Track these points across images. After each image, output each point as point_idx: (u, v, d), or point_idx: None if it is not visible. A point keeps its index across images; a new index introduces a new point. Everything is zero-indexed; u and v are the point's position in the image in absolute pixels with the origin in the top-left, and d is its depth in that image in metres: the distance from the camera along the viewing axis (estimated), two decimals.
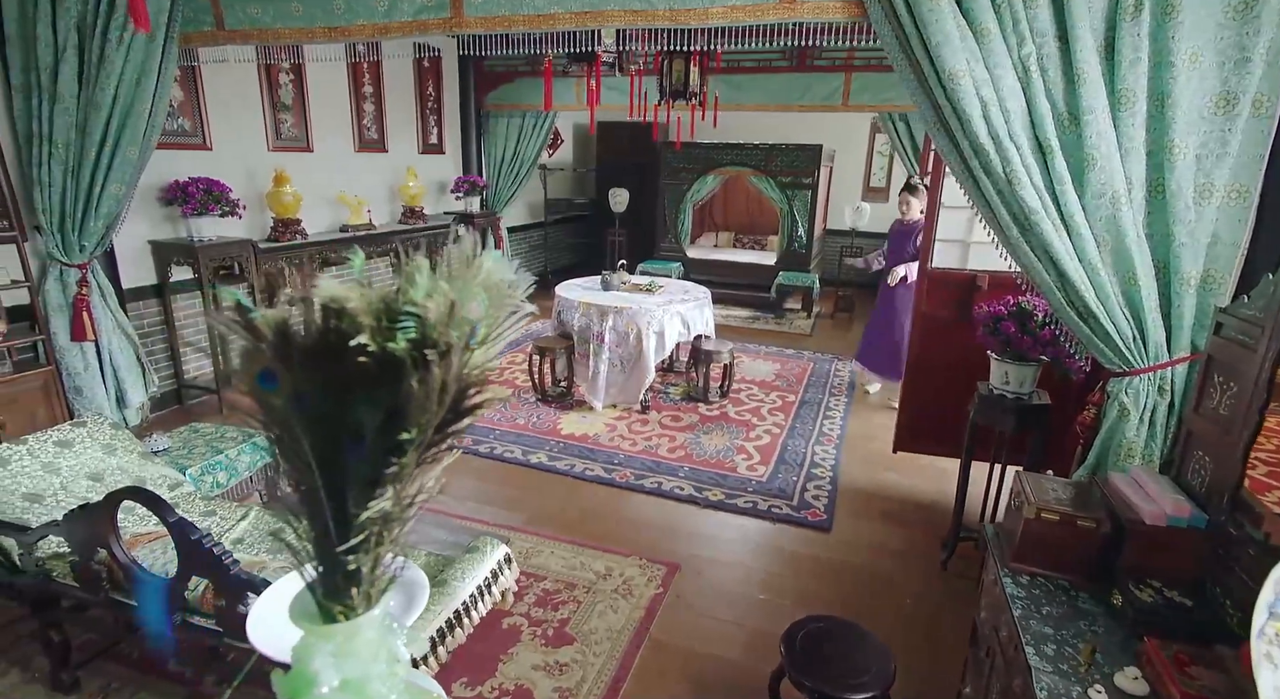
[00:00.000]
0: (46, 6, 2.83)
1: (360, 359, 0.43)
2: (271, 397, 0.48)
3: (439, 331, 0.44)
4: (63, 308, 3.26)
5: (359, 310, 0.44)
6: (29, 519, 1.97)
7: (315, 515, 0.52)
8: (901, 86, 2.16)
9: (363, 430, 0.46)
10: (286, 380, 0.47)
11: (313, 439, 0.48)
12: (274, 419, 0.49)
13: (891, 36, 2.02)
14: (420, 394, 0.44)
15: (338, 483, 0.49)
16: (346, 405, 0.46)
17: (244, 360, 0.47)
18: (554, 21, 2.43)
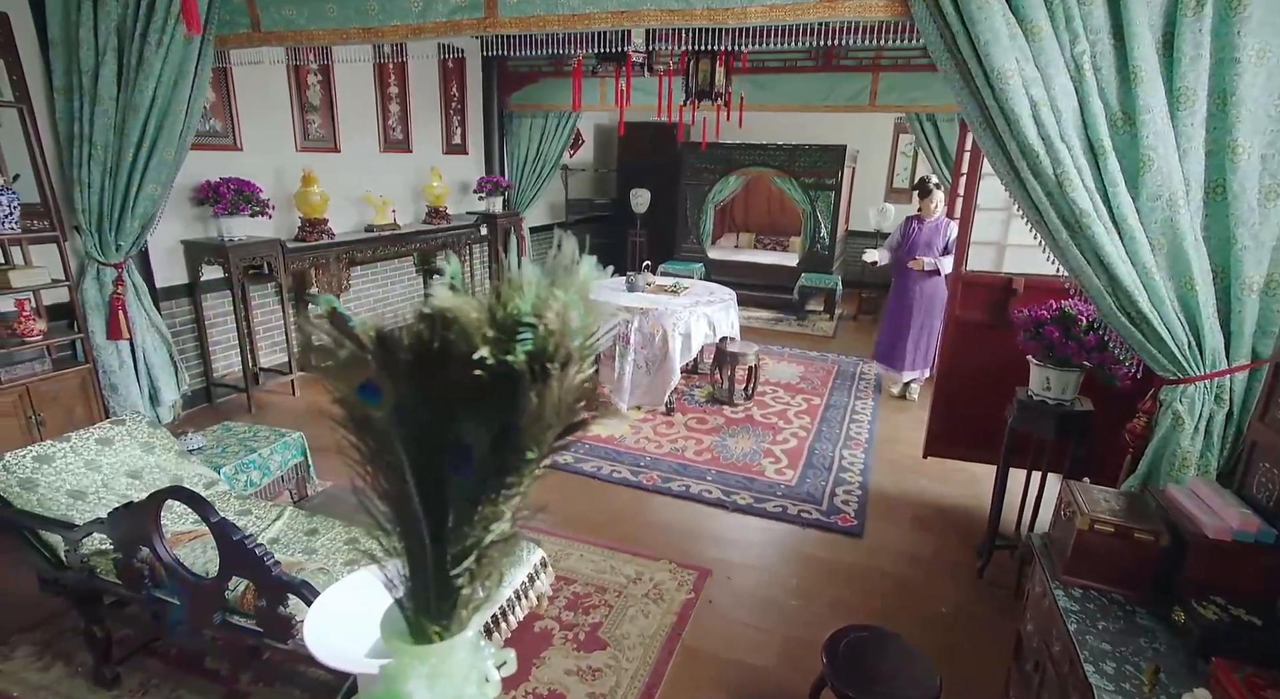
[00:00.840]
0: (89, 10, 2.87)
1: (476, 373, 0.41)
2: (371, 410, 0.46)
3: (558, 343, 0.42)
4: (99, 306, 3.31)
5: (475, 322, 0.42)
6: (73, 516, 2.00)
7: (409, 533, 0.50)
8: (945, 86, 2.13)
9: (469, 446, 0.45)
10: (390, 393, 0.45)
11: (412, 455, 0.47)
12: (371, 433, 0.48)
13: (936, 35, 1.98)
14: (539, 409, 0.42)
15: (436, 501, 0.48)
16: (451, 420, 0.45)
17: (345, 371, 0.46)
18: (589, 21, 2.42)
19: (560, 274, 0.47)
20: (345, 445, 0.56)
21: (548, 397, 0.42)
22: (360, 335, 0.46)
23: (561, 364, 0.42)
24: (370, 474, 0.52)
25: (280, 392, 4.47)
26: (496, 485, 0.45)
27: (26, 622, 2.19)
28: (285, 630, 1.66)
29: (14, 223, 2.81)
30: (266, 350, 4.61)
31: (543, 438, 0.43)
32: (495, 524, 0.46)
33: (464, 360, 0.43)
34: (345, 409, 0.54)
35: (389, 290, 5.67)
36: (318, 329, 0.46)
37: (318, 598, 1.03)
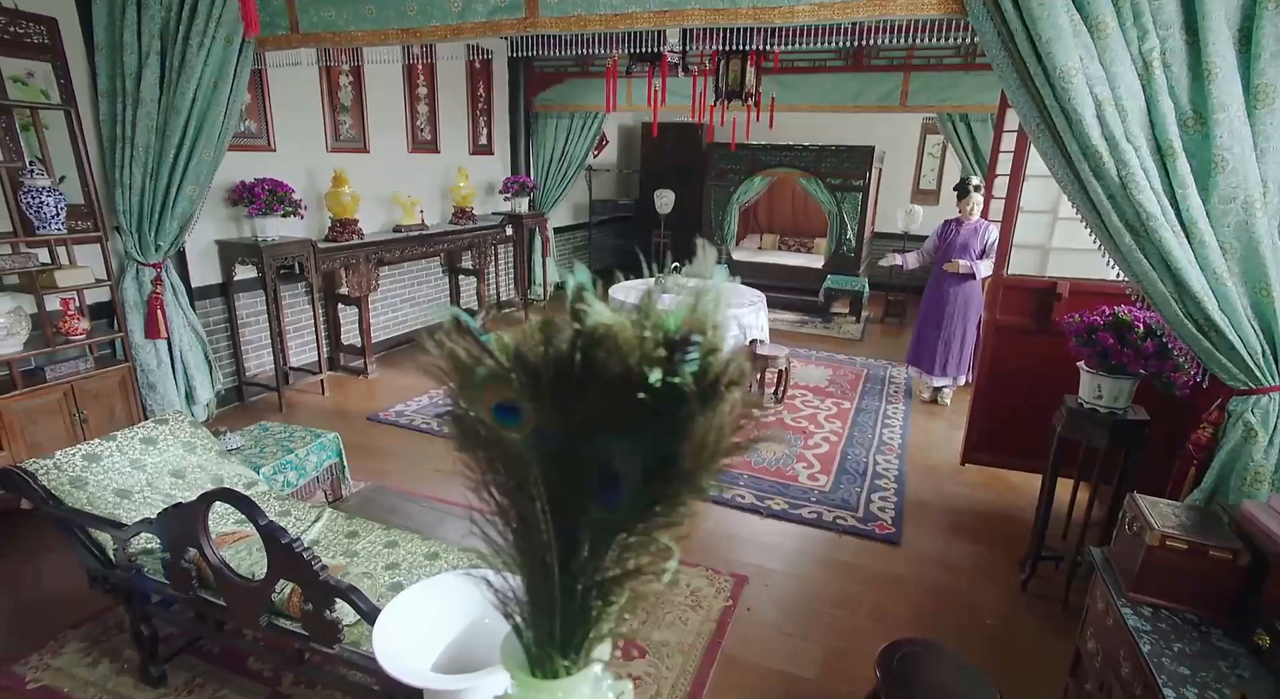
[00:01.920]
0: (133, 14, 2.91)
1: (640, 396, 0.38)
2: (508, 432, 0.44)
3: (725, 364, 0.39)
4: (138, 306, 3.36)
5: (634, 341, 0.39)
6: (120, 515, 2.01)
7: (533, 562, 0.48)
8: (979, 86, 2.07)
9: (617, 474, 0.42)
10: (531, 416, 0.42)
11: (547, 481, 0.44)
12: (501, 457, 0.45)
13: (993, 33, 1.93)
14: (707, 434, 0.39)
15: (571, 529, 0.45)
16: (596, 445, 0.42)
17: (480, 391, 0.43)
18: (631, 21, 2.39)
19: (704, 288, 0.44)
20: (463, 467, 0.53)
21: (716, 420, 0.39)
22: (495, 352, 0.43)
23: (729, 385, 0.39)
24: (492, 499, 0.49)
25: (310, 391, 4.51)
26: (648, 515, 0.42)
27: (75, 618, 2.22)
28: (332, 635, 1.66)
29: (60, 223, 2.85)
30: (296, 350, 4.64)
31: (710, 465, 0.40)
32: (642, 555, 0.43)
33: (617, 382, 0.40)
34: (466, 429, 0.51)
35: (416, 290, 5.69)
36: (456, 343, 0.43)
37: (386, 609, 1.01)
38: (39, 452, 2.75)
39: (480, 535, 0.54)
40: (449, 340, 0.43)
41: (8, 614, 2.24)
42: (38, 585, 2.45)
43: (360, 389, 4.63)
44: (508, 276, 6.76)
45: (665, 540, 0.42)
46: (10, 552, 2.62)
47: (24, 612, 2.28)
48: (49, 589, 2.41)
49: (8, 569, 2.52)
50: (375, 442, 3.78)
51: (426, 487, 3.29)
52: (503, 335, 0.44)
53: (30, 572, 2.53)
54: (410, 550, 2.07)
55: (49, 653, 2.08)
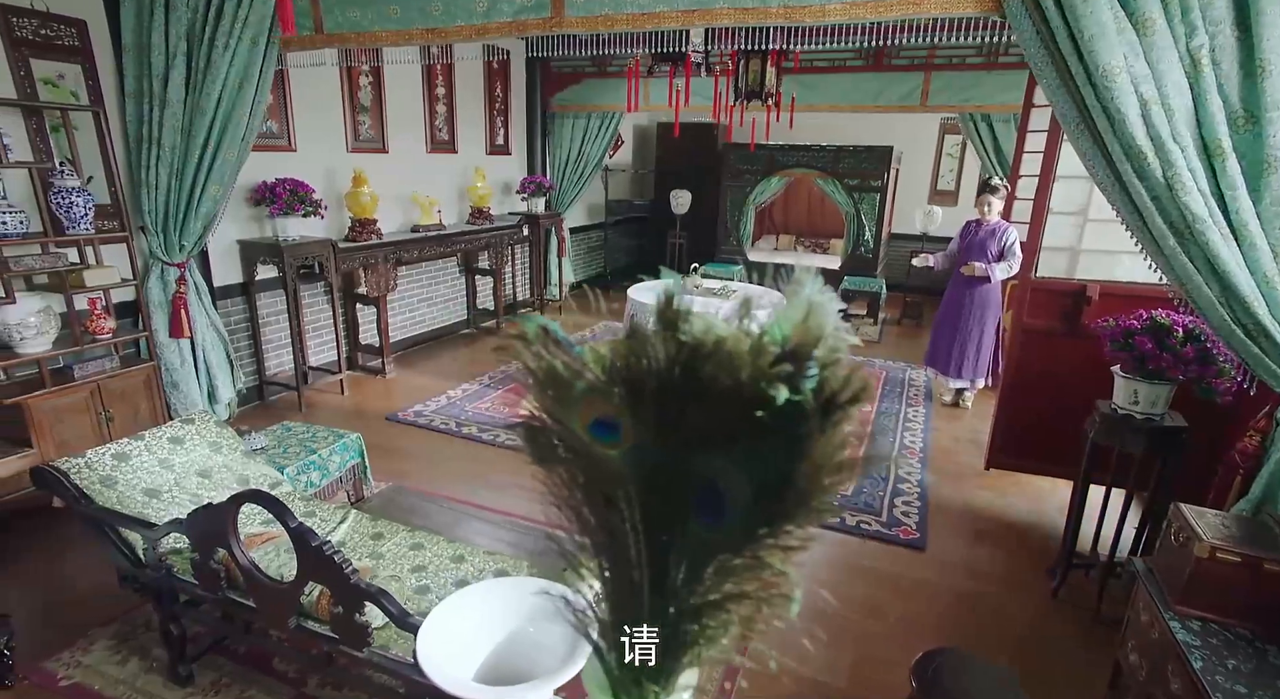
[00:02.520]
0: (160, 16, 2.92)
1: (759, 414, 0.36)
2: (605, 448, 0.42)
3: (845, 379, 0.37)
4: (162, 305, 3.38)
5: (750, 355, 0.37)
6: (148, 514, 2.02)
7: (619, 583, 0.46)
8: (1002, 85, 2.03)
9: (723, 493, 0.40)
10: (631, 431, 0.40)
11: (643, 500, 0.42)
12: (594, 473, 0.43)
13: (1031, 31, 1.88)
14: (824, 453, 0.37)
15: (665, 551, 0.43)
16: (700, 462, 0.40)
17: (578, 406, 0.41)
18: (658, 20, 2.37)
19: (811, 301, 0.42)
20: (545, 484, 0.51)
21: (835, 438, 0.37)
22: (587, 364, 0.41)
23: (850, 401, 0.37)
24: (574, 515, 0.47)
25: (329, 390, 4.52)
26: (756, 536, 0.40)
27: (103, 616, 2.23)
28: (361, 638, 1.65)
29: (89, 223, 2.88)
30: (315, 349, 4.66)
31: (827, 485, 0.38)
32: (748, 579, 0.41)
33: (726, 397, 0.38)
34: (542, 442, 0.50)
35: (433, 290, 5.71)
36: (555, 355, 0.41)
37: (430, 616, 0.99)
38: (66, 450, 2.78)
39: (556, 552, 0.52)
40: (546, 352, 0.41)
41: (39, 611, 2.26)
42: (66, 582, 2.47)
43: (378, 389, 4.64)
44: (524, 276, 6.76)
45: (778, 564, 0.40)
46: (40, 548, 2.64)
47: (54, 608, 2.30)
48: (77, 586, 2.43)
49: (38, 566, 2.54)
50: (394, 442, 3.78)
51: (445, 487, 3.28)
52: (598, 347, 0.42)
53: (58, 569, 2.55)
54: (436, 553, 2.06)
55: (79, 650, 2.09)
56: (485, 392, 4.52)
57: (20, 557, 2.55)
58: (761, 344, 0.37)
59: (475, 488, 3.29)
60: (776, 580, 0.39)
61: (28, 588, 2.41)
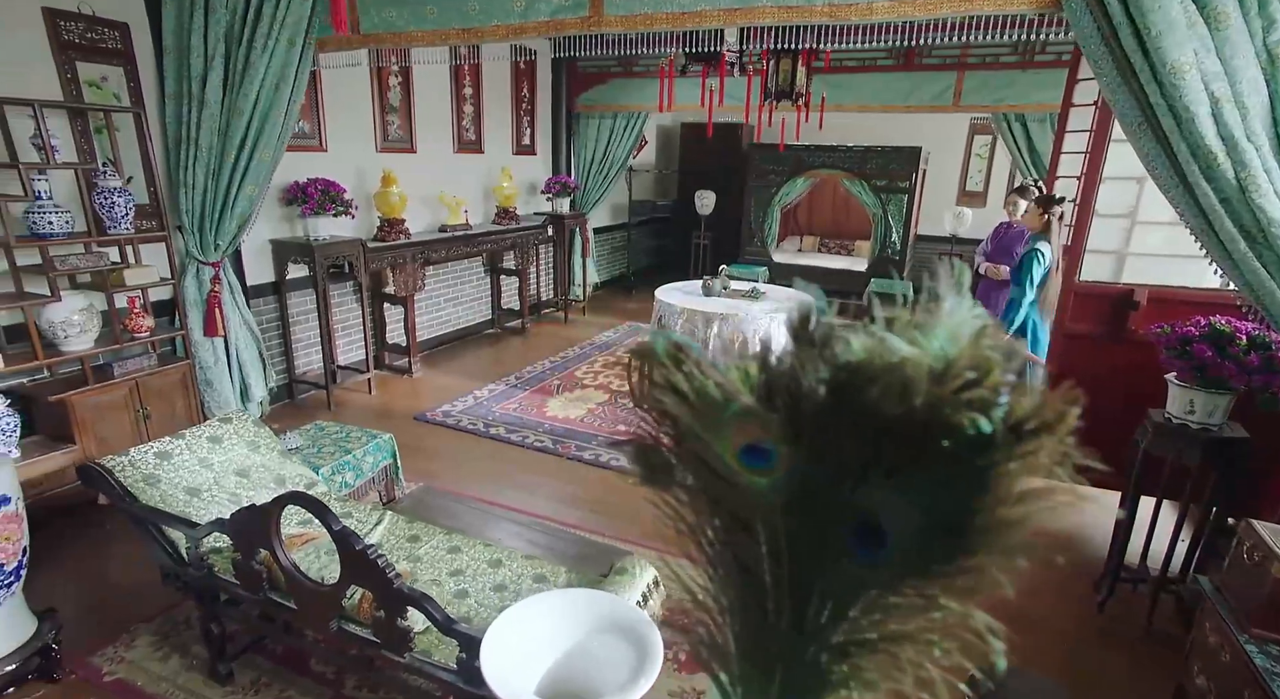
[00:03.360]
0: (200, 19, 2.95)
1: (945, 444, 0.33)
2: (754, 476, 0.38)
3: (1037, 405, 0.34)
4: (198, 304, 3.41)
5: (927, 380, 0.33)
6: (190, 513, 2.03)
7: (752, 616, 0.43)
8: (1038, 84, 1.96)
9: (884, 527, 0.36)
10: (786, 459, 0.37)
11: (788, 530, 0.39)
12: (741, 502, 0.40)
13: (1092, 28, 1.82)
14: (1012, 487, 0.33)
15: (807, 582, 0.40)
16: (862, 491, 0.36)
17: (728, 430, 0.38)
18: (700, 19, 2.34)
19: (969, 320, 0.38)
20: (661, 505, 0.48)
21: (1026, 470, 0.33)
22: (737, 383, 0.38)
23: (1041, 429, 0.34)
24: (700, 542, 0.44)
25: (357, 390, 4.55)
26: (925, 574, 0.37)
27: (145, 612, 2.25)
28: (403, 643, 1.63)
29: (129, 223, 2.91)
30: (344, 349, 4.69)
31: (1016, 523, 0.34)
32: (913, 619, 0.37)
33: (895, 424, 0.35)
34: (656, 464, 0.47)
35: (459, 290, 5.72)
36: (703, 376, 0.38)
37: (491, 626, 0.97)
38: (106, 447, 2.81)
39: (671, 576, 0.49)
40: (699, 372, 0.38)
41: (83, 605, 2.28)
42: (109, 577, 2.50)
43: (405, 388, 4.66)
44: (548, 277, 6.75)
45: (956, 606, 0.36)
46: (82, 543, 2.68)
47: (97, 603, 2.32)
48: (119, 582, 2.45)
49: (80, 561, 2.57)
50: (422, 441, 3.79)
51: (474, 488, 3.28)
52: (747, 367, 0.39)
53: (100, 563, 2.58)
54: (473, 557, 2.05)
55: (122, 645, 2.11)
56: (512, 392, 4.52)
57: (63, 551, 2.58)
58: (946, 368, 0.34)
59: (504, 489, 3.28)
60: (956, 623, 0.36)
61: (71, 582, 2.44)
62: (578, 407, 4.27)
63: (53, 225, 2.62)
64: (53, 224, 2.62)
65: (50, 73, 2.83)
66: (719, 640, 0.48)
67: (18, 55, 2.74)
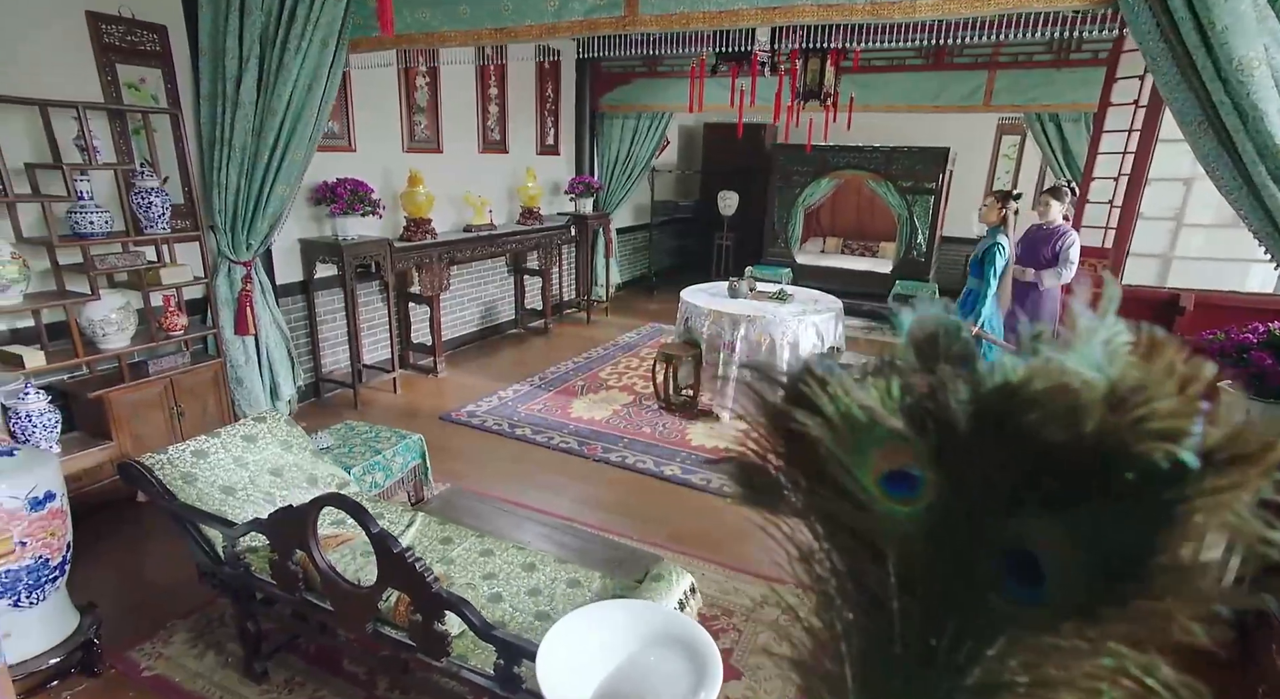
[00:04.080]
0: (235, 21, 2.98)
1: (1128, 476, 0.30)
2: (895, 504, 0.36)
3: (1234, 433, 0.30)
4: (229, 302, 3.44)
5: (1103, 405, 0.30)
6: (225, 511, 2.04)
7: (875, 652, 0.40)
8: (1071, 83, 1.89)
9: (1042, 564, 0.33)
10: (933, 487, 0.34)
11: (932, 563, 0.36)
12: (876, 529, 0.37)
13: (1150, 24, 1.76)
14: (1203, 524, 0.30)
15: (943, 619, 0.37)
16: (1019, 524, 0.33)
17: (869, 456, 0.35)
18: (737, 18, 2.30)
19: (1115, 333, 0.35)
20: (771, 527, 0.46)
21: (1224, 506, 0.30)
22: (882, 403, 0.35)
23: (1238, 460, 0.30)
24: (816, 571, 0.41)
25: (383, 389, 4.57)
26: (1092, 617, 0.33)
27: (181, 608, 2.27)
28: (440, 647, 1.62)
29: (165, 223, 2.94)
30: (369, 348, 4.72)
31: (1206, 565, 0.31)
32: (1076, 663, 0.34)
33: (1059, 451, 0.32)
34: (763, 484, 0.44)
35: (482, 290, 5.74)
36: (847, 397, 0.35)
37: (548, 636, 0.95)
38: (141, 443, 2.85)
39: (781, 607, 0.46)
40: (843, 393, 0.35)
41: (121, 601, 2.30)
42: (144, 574, 2.53)
43: (430, 388, 4.68)
44: (570, 277, 6.75)
45: (1127, 652, 0.33)
46: (119, 538, 2.71)
47: (134, 599, 2.35)
48: (154, 578, 2.48)
49: (118, 557, 2.60)
50: (448, 441, 3.79)
51: (500, 488, 3.28)
52: (890, 384, 0.36)
53: (136, 559, 2.61)
54: (506, 560, 2.03)
55: (159, 641, 2.13)
56: (536, 392, 4.51)
57: (99, 546, 2.62)
58: (1125, 392, 0.30)
59: (531, 490, 3.28)
60: (1132, 673, 0.32)
61: (108, 577, 2.47)
62: (602, 408, 4.25)
63: (93, 225, 2.66)
64: (93, 224, 2.66)
65: (91, 75, 2.88)
66: (831, 669, 0.45)
67: (62, 58, 2.79)
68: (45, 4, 2.72)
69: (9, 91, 2.52)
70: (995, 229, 3.65)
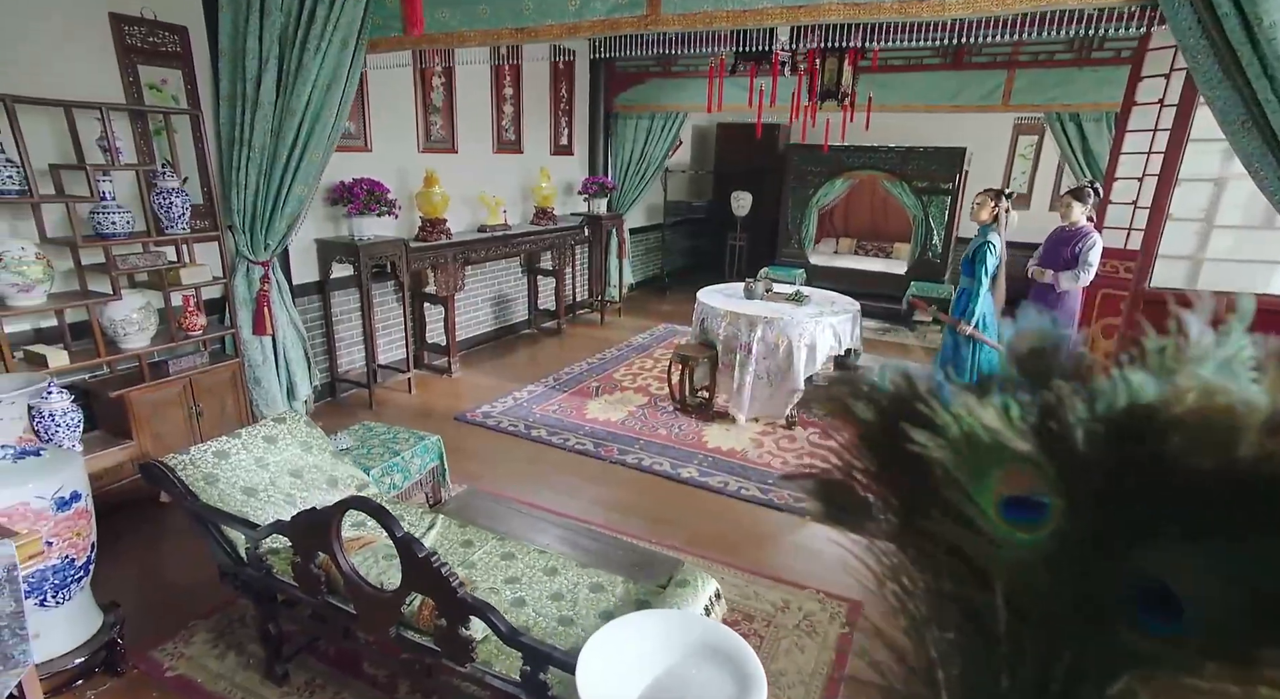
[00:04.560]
0: (255, 21, 2.98)
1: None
2: (1015, 530, 0.33)
3: None
4: (247, 302, 3.45)
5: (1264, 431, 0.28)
6: (247, 513, 2.03)
7: (981, 686, 0.37)
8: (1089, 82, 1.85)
9: (1181, 597, 0.31)
10: (1061, 515, 0.32)
11: (1052, 592, 0.33)
12: (989, 555, 0.34)
13: (1191, 20, 1.72)
14: None
15: (1057, 652, 0.34)
16: (1158, 556, 0.31)
17: (990, 478, 0.33)
18: (763, 17, 2.28)
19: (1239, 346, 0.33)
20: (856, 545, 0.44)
21: None
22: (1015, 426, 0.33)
23: None
24: (916, 595, 0.39)
25: (397, 389, 4.58)
26: (1246, 657, 0.31)
27: (202, 607, 2.27)
28: (465, 653, 1.61)
29: (185, 223, 2.95)
30: (384, 348, 4.73)
31: None
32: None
33: (1209, 478, 0.29)
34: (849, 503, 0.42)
35: (496, 290, 5.74)
36: (971, 416, 0.33)
37: (587, 646, 0.93)
38: (161, 443, 2.86)
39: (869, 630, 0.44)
40: (968, 413, 0.33)
41: (142, 600, 2.31)
42: (165, 573, 2.53)
43: (445, 388, 4.68)
44: (583, 277, 6.74)
45: None
46: (138, 539, 2.72)
47: (155, 598, 2.35)
48: (174, 577, 2.49)
49: (138, 556, 2.61)
50: (463, 442, 3.79)
51: (517, 490, 3.27)
52: (1009, 403, 0.33)
53: (157, 558, 2.62)
54: (528, 564, 2.02)
55: (181, 641, 2.13)
56: (551, 393, 4.50)
57: (120, 545, 2.62)
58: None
59: (547, 492, 3.26)
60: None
61: (129, 576, 2.47)
62: (617, 409, 4.23)
63: (115, 225, 2.67)
64: (115, 224, 2.67)
65: (114, 76, 2.89)
66: (925, 696, 0.43)
67: (86, 60, 2.80)
68: (71, 7, 2.73)
69: (36, 93, 2.53)
70: (987, 228, 3.66)
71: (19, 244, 2.46)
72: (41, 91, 2.57)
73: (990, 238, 3.59)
